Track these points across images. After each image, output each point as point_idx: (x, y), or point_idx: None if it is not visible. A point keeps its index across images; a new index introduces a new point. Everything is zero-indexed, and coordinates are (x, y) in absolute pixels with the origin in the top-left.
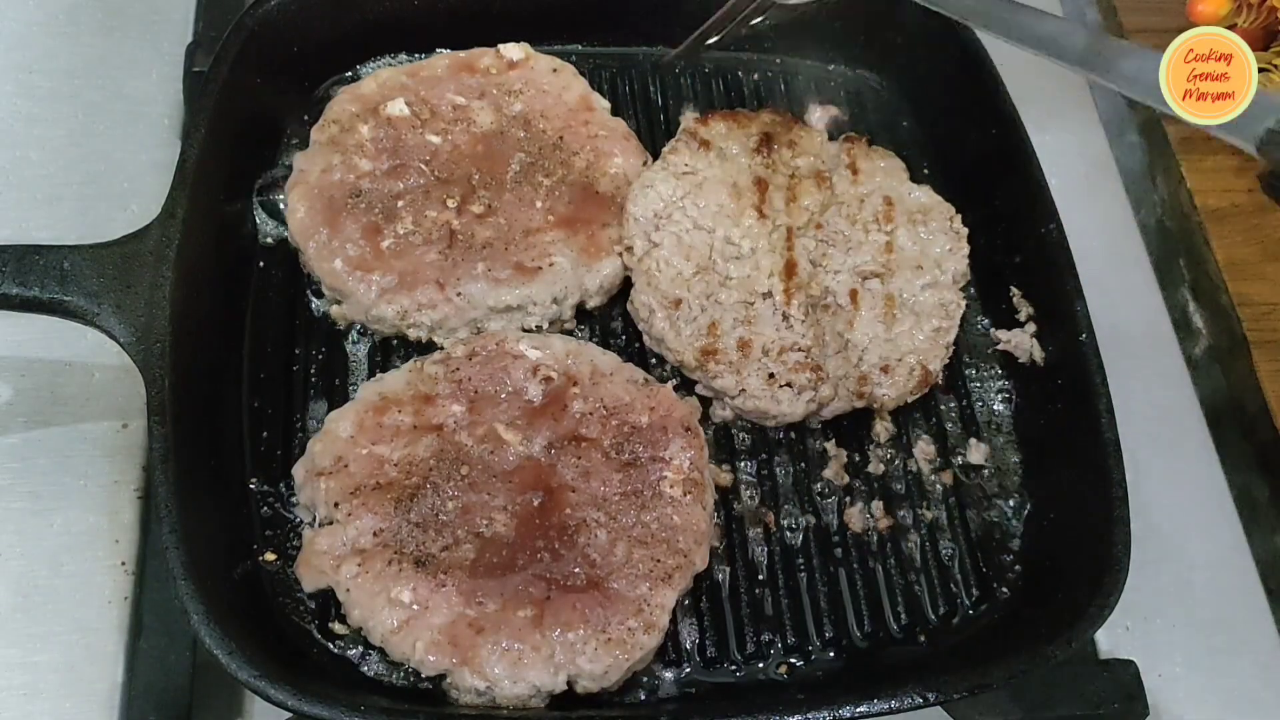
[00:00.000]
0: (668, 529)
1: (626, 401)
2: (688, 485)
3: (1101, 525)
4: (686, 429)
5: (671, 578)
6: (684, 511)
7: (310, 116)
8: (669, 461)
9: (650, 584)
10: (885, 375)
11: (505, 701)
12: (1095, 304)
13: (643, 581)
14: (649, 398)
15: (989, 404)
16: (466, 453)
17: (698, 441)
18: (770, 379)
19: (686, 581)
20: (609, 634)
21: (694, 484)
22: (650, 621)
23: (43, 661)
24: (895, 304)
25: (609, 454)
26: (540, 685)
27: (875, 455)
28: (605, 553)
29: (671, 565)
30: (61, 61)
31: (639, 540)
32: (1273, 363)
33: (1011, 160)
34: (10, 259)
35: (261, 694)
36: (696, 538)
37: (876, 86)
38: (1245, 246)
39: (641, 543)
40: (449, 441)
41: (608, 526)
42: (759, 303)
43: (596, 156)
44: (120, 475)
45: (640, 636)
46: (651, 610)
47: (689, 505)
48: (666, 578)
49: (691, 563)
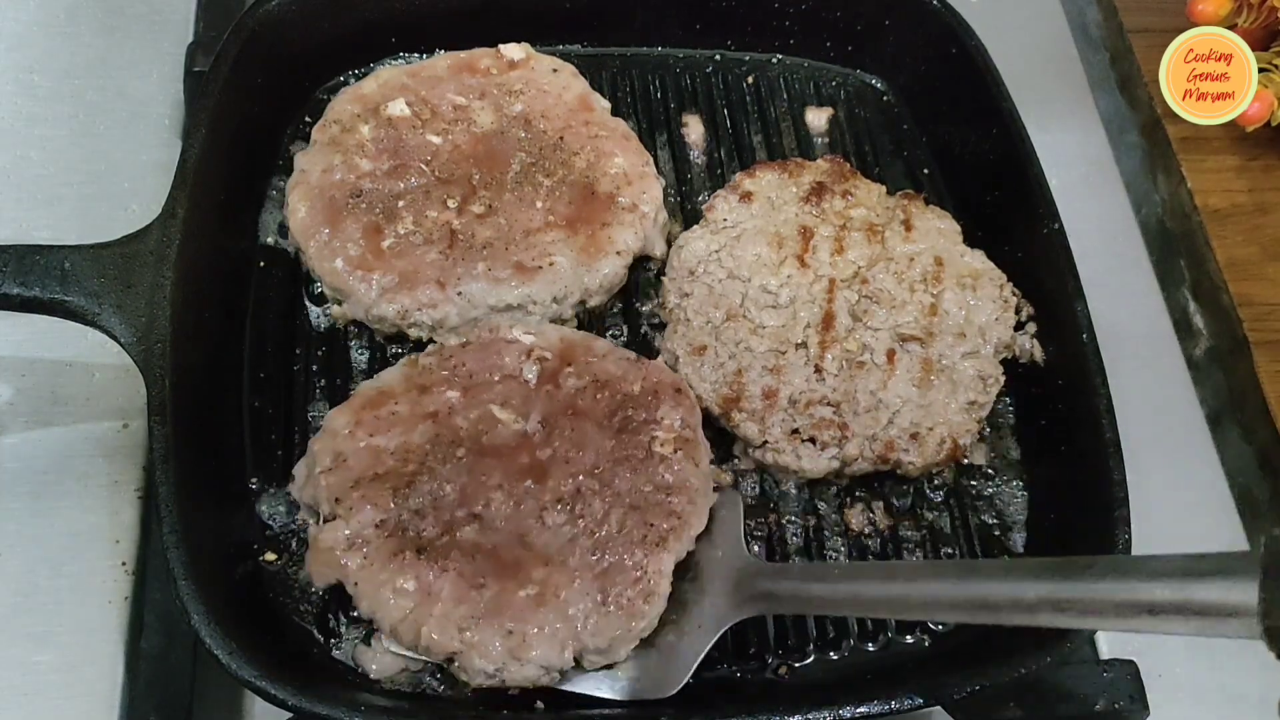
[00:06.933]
0: (661, 489)
1: (618, 374)
2: (679, 443)
3: (1102, 525)
4: (677, 390)
5: (666, 541)
6: (676, 469)
7: (311, 116)
8: (660, 421)
9: (645, 551)
10: (914, 443)
11: (515, 682)
12: (1095, 304)
13: (638, 549)
14: (640, 368)
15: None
16: (462, 435)
17: (688, 403)
18: (794, 434)
19: (684, 544)
20: (609, 606)
21: (685, 441)
22: (649, 589)
23: (43, 661)
24: (933, 369)
25: (601, 422)
26: (548, 664)
27: None
28: (600, 522)
29: (665, 529)
30: (61, 61)
31: (633, 505)
32: (1273, 363)
33: (1011, 160)
34: (11, 259)
35: (261, 694)
36: (690, 496)
37: (876, 87)
38: (1246, 246)
39: (635, 508)
40: (445, 426)
41: (601, 494)
42: (791, 353)
43: (597, 156)
44: (120, 475)
45: (640, 605)
46: (649, 577)
47: (681, 462)
48: (661, 542)
49: (686, 523)
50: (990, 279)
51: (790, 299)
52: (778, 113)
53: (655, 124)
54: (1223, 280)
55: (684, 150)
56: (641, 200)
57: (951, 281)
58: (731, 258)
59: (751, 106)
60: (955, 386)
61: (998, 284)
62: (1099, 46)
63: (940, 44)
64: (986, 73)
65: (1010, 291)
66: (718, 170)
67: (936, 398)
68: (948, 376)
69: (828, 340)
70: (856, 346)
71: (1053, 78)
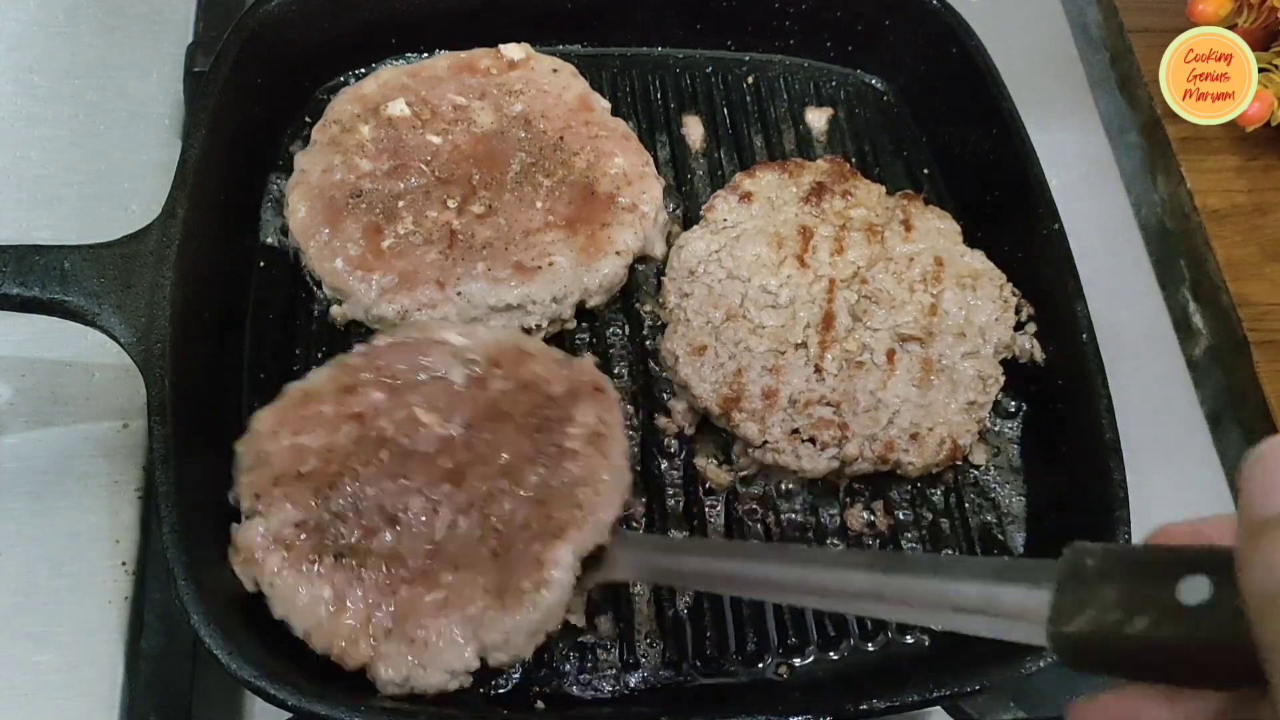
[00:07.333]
0: (565, 483)
1: (544, 376)
2: (590, 437)
3: (1101, 525)
4: (597, 389)
5: (565, 531)
6: (583, 463)
7: (311, 116)
8: (575, 419)
9: (542, 542)
10: (913, 443)
11: (426, 689)
12: (1095, 304)
13: (535, 541)
14: (566, 369)
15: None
16: (386, 436)
17: (607, 400)
18: (794, 434)
19: (587, 534)
20: (505, 600)
21: (597, 435)
22: (543, 579)
23: (43, 661)
24: (933, 369)
25: (520, 423)
26: (451, 668)
27: None
28: (508, 521)
29: (564, 520)
30: (61, 61)
31: (537, 500)
32: (1273, 363)
33: (1011, 160)
34: (10, 259)
35: (261, 694)
36: (596, 488)
37: (877, 87)
38: (1245, 246)
39: (539, 502)
40: (370, 427)
41: (511, 494)
42: (790, 353)
43: (597, 157)
44: (120, 475)
45: (535, 595)
46: (546, 568)
47: (589, 456)
48: (559, 532)
49: (590, 512)
50: (990, 279)
51: (790, 299)
52: (778, 113)
53: (655, 124)
54: (1222, 280)
55: (684, 150)
56: (641, 200)
57: (951, 281)
58: (731, 258)
59: (751, 106)
60: (955, 386)
61: (998, 284)
62: (1099, 46)
63: (940, 44)
64: (986, 73)
65: (1010, 291)
66: (718, 170)
67: (936, 398)
68: (948, 376)
69: (828, 340)
70: (856, 346)
71: (1053, 78)
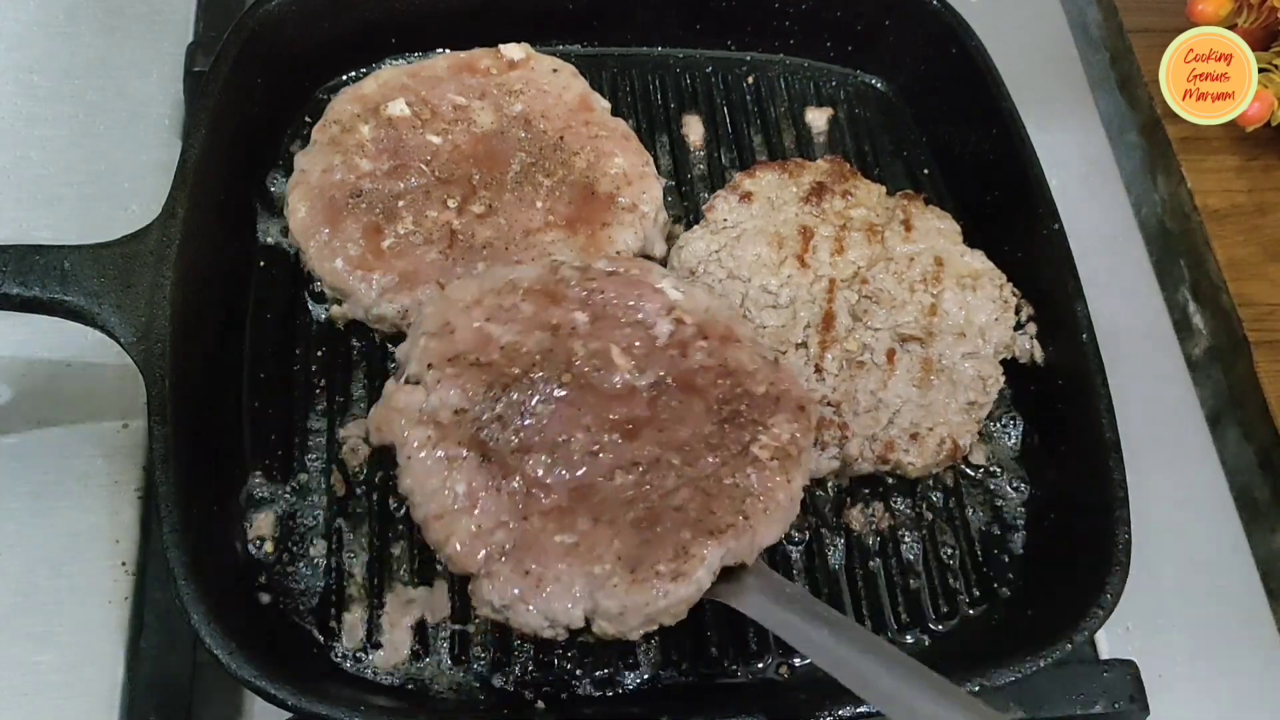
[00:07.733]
0: (739, 486)
1: (749, 370)
2: (779, 453)
3: (1101, 525)
4: (800, 407)
5: (721, 532)
6: (764, 476)
7: (311, 116)
8: (769, 428)
9: (694, 531)
10: (914, 443)
11: (517, 626)
12: (1095, 304)
13: (687, 528)
14: (772, 371)
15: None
16: (573, 362)
17: (806, 422)
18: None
19: (741, 546)
20: (636, 575)
21: (786, 455)
22: (682, 570)
23: (43, 661)
24: (933, 369)
25: (710, 406)
26: (555, 617)
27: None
28: (666, 495)
29: (726, 521)
30: (61, 61)
31: (704, 491)
32: (1273, 363)
33: (1011, 160)
34: (10, 259)
35: (261, 694)
36: (767, 506)
37: (877, 87)
38: (1246, 246)
39: (705, 493)
40: (562, 344)
41: (678, 472)
42: (791, 353)
43: (597, 157)
44: (120, 475)
45: (667, 584)
46: (687, 559)
47: (772, 473)
48: (716, 531)
49: (752, 528)
50: (990, 279)
51: (790, 299)
52: (778, 113)
53: (655, 124)
54: (1222, 280)
55: (684, 150)
56: (641, 200)
57: (951, 281)
58: (731, 258)
59: (751, 106)
60: (955, 387)
61: (998, 284)
62: (1099, 46)
63: (940, 44)
64: (986, 73)
65: (1010, 291)
66: (718, 170)
67: (936, 398)
68: (948, 377)
69: (828, 340)
70: (856, 346)
71: (1053, 78)
